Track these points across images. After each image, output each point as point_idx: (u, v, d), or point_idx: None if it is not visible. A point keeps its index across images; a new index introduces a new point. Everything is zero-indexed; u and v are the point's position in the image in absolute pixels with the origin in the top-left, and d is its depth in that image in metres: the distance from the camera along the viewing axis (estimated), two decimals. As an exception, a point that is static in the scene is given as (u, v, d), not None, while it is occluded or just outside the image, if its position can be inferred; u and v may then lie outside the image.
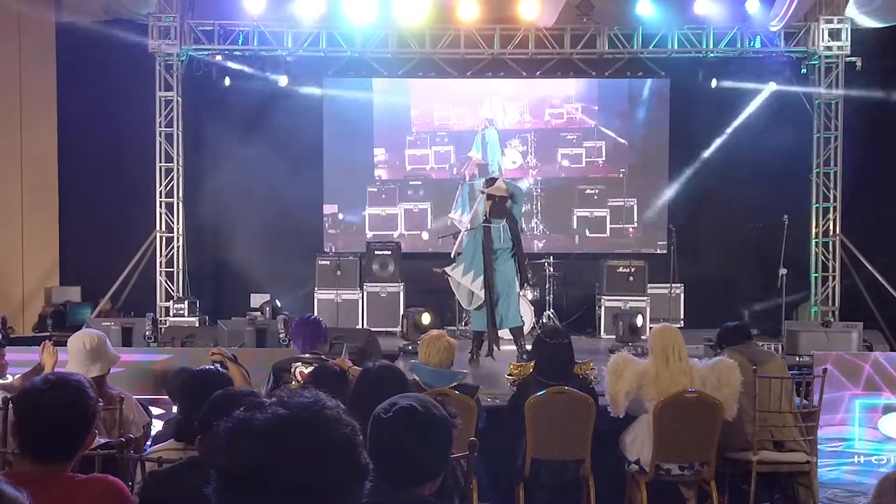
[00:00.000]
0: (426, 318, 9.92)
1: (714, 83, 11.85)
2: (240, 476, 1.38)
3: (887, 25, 11.24)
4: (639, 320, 9.78)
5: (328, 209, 12.46)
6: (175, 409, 4.81)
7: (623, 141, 12.42)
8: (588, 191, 12.42)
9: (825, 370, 5.74)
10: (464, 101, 12.52)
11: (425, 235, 12.48)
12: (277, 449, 1.38)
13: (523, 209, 8.71)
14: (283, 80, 11.94)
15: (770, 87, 11.80)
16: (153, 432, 5.01)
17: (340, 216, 12.52)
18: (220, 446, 1.40)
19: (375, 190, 12.48)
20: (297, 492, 1.37)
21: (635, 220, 12.37)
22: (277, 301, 10.87)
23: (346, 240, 12.45)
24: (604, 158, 12.43)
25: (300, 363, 5.31)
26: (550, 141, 12.48)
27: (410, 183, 12.47)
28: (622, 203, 12.35)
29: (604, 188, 12.39)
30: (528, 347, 8.17)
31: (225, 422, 1.43)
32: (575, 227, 12.40)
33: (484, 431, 5.16)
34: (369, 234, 12.42)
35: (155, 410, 5.75)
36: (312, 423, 1.42)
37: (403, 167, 12.51)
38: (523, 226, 8.44)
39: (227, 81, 11.87)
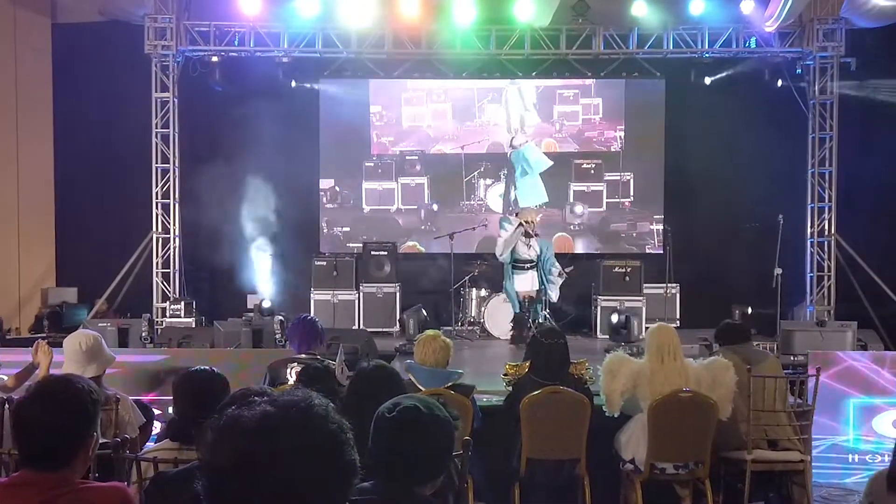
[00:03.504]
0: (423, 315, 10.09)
1: (708, 80, 11.93)
2: (225, 472, 1.38)
3: (881, 26, 11.27)
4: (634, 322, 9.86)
5: (325, 184, 12.44)
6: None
7: (622, 102, 12.38)
8: (585, 165, 12.44)
9: (819, 369, 5.76)
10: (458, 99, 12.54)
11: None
12: (262, 445, 1.38)
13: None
14: (278, 82, 11.96)
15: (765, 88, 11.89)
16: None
17: (337, 188, 12.46)
18: (207, 442, 1.41)
19: (372, 164, 12.46)
20: (283, 488, 1.37)
21: (631, 194, 12.39)
22: (280, 314, 10.86)
23: (344, 214, 12.46)
24: (601, 116, 12.42)
25: (296, 363, 5.32)
26: (547, 97, 12.45)
27: (407, 158, 12.45)
28: (618, 177, 12.37)
29: (600, 162, 12.41)
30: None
31: (215, 419, 1.44)
32: (571, 201, 12.42)
33: (479, 431, 5.18)
34: (366, 209, 12.47)
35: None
36: (299, 419, 1.42)
37: (400, 124, 12.47)
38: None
39: (215, 79, 11.88)
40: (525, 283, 10.02)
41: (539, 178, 12.33)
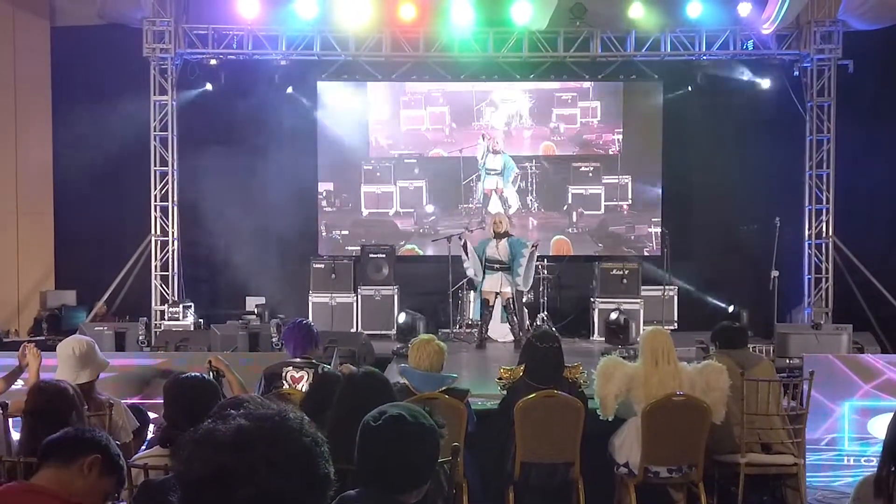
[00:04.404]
0: (401, 318, 10.12)
1: (690, 87, 11.98)
2: (200, 485, 1.39)
3: (879, 28, 11.29)
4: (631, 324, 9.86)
5: (323, 187, 12.44)
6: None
7: (620, 105, 12.39)
8: (583, 168, 12.45)
9: (812, 373, 5.76)
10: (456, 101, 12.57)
11: (430, 208, 12.49)
12: (236, 458, 1.39)
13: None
14: (276, 84, 12.01)
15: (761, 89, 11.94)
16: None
17: (327, 189, 12.45)
18: (183, 455, 1.43)
19: (370, 168, 12.48)
20: (257, 501, 1.38)
21: (629, 197, 12.41)
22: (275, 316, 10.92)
23: (342, 217, 12.47)
24: (598, 119, 12.43)
25: (291, 367, 5.34)
26: (546, 100, 12.47)
27: (405, 161, 12.48)
28: (616, 180, 12.39)
29: (598, 165, 12.42)
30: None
31: (191, 432, 1.45)
32: (570, 203, 12.43)
33: (474, 435, 5.20)
34: (365, 213, 12.48)
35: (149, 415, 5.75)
36: (273, 433, 1.43)
37: (398, 127, 12.48)
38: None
39: (209, 86, 11.90)
40: (492, 283, 10.03)
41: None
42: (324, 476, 1.47)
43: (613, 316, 10.12)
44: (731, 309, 11.10)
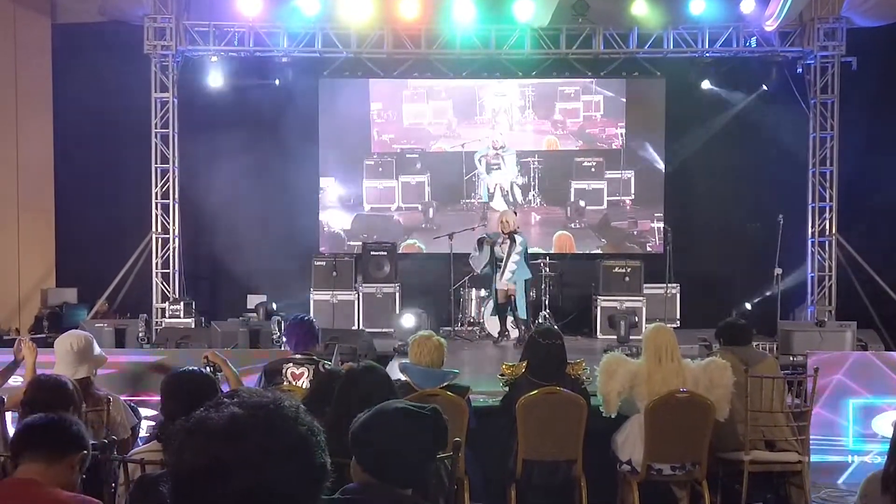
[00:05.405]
0: (409, 321, 10.10)
1: (706, 84, 11.93)
2: (192, 475, 1.35)
3: (883, 24, 11.24)
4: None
5: (325, 182, 12.41)
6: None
7: (622, 99, 12.35)
8: (585, 163, 12.41)
9: (817, 370, 5.72)
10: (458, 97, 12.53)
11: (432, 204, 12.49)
12: (229, 447, 1.35)
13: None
14: (278, 82, 11.98)
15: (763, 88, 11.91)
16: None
17: (329, 184, 12.42)
18: (175, 445, 1.38)
19: (372, 163, 12.44)
20: (250, 491, 1.34)
21: (632, 192, 12.36)
22: (274, 305, 10.88)
23: (343, 214, 12.44)
24: (601, 114, 12.39)
25: (291, 364, 5.31)
26: (549, 94, 12.42)
27: (407, 156, 12.44)
28: (619, 175, 12.34)
29: (601, 160, 12.38)
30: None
31: (183, 421, 1.41)
32: (572, 198, 12.40)
33: (475, 432, 5.16)
34: (367, 208, 12.46)
35: (148, 412, 5.73)
36: (267, 421, 1.39)
37: (400, 122, 12.44)
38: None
39: (210, 83, 11.86)
40: (503, 280, 10.02)
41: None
42: (320, 466, 1.43)
43: (636, 319, 10.08)
44: (748, 306, 10.99)
